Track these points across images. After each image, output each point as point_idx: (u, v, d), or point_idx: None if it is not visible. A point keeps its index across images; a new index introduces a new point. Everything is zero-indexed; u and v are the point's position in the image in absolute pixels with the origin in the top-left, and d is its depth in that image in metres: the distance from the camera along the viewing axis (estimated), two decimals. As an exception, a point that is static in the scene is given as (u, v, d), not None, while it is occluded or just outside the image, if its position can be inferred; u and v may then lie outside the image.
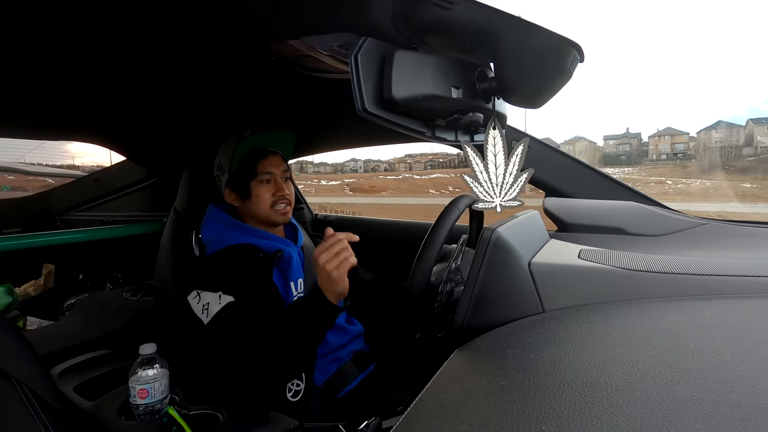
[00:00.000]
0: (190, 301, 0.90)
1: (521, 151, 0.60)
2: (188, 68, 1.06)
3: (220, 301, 0.87)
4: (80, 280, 2.08)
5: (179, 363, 1.00)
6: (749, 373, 0.32)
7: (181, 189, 1.23)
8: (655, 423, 0.28)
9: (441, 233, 0.83)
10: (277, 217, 1.03)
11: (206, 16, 0.77)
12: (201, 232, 1.08)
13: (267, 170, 1.02)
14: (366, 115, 0.51)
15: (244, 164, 1.02)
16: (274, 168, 1.03)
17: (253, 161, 1.02)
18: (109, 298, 1.66)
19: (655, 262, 0.62)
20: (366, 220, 1.84)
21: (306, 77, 0.98)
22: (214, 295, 0.88)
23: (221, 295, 0.88)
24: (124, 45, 0.91)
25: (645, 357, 0.38)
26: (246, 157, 1.02)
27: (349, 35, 0.65)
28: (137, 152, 1.89)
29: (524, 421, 0.32)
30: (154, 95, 1.27)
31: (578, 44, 0.56)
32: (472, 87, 0.61)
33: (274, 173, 1.03)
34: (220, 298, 0.88)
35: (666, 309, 0.51)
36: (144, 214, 2.03)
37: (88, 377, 1.05)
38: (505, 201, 0.61)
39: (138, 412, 0.83)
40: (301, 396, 0.94)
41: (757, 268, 0.58)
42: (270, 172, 1.03)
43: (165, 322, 1.16)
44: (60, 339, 1.34)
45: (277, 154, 1.06)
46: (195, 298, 0.90)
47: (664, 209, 1.04)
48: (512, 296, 0.60)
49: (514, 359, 0.44)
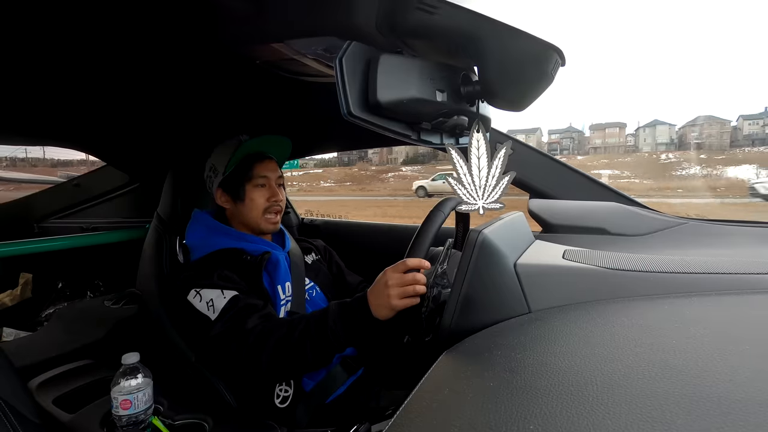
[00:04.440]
0: (191, 300, 0.90)
1: (504, 154, 0.61)
2: (171, 71, 1.04)
3: (224, 295, 0.87)
4: (59, 288, 2.02)
5: (163, 372, 0.98)
6: (728, 368, 0.33)
7: (165, 194, 1.21)
8: (639, 419, 0.28)
9: (427, 236, 0.84)
10: (266, 226, 1.03)
11: (189, 19, 0.76)
12: (186, 237, 1.06)
13: (263, 174, 1.03)
14: (351, 119, 0.51)
15: (240, 167, 1.02)
16: (270, 173, 1.04)
17: (250, 164, 1.02)
18: (89, 307, 1.61)
19: (637, 261, 0.63)
20: (352, 224, 1.84)
21: (291, 81, 0.97)
22: (216, 291, 0.88)
23: (223, 290, 0.88)
24: (104, 47, 0.90)
25: (628, 354, 0.38)
26: (243, 160, 1.02)
27: (334, 39, 0.65)
28: (118, 157, 1.85)
29: (512, 421, 0.32)
30: (136, 99, 1.25)
31: (560, 49, 0.57)
32: (457, 90, 0.61)
33: (269, 178, 1.04)
34: (223, 293, 0.88)
35: (648, 307, 0.52)
36: (125, 220, 1.99)
37: (68, 389, 1.01)
38: (488, 203, 0.61)
39: (121, 424, 0.80)
40: (289, 402, 0.92)
41: (734, 265, 0.60)
42: (266, 176, 1.03)
43: (148, 331, 1.13)
44: (38, 350, 1.30)
45: (273, 160, 1.07)
46: (196, 297, 0.89)
47: (645, 209, 1.07)
48: (499, 297, 0.60)
49: (501, 360, 0.44)
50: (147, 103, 1.30)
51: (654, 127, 60.59)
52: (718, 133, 58.66)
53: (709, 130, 59.06)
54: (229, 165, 1.01)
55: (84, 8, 0.73)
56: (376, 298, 0.79)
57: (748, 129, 58.60)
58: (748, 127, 58.79)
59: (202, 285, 0.90)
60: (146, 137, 1.60)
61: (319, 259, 1.19)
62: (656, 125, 60.71)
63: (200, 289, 0.89)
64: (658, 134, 60.57)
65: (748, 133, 57.82)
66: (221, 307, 0.86)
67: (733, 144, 56.42)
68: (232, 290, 0.89)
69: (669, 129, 60.73)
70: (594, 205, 1.08)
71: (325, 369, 1.01)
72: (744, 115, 58.60)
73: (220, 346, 0.86)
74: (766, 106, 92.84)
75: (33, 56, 0.93)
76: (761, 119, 58.29)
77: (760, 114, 59.70)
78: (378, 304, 0.79)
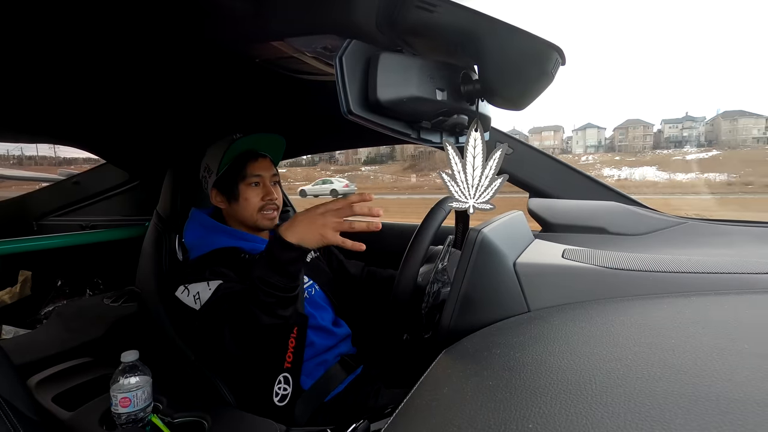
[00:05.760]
0: (178, 296, 0.90)
1: (499, 156, 0.61)
2: (170, 69, 1.04)
3: (209, 287, 0.87)
4: (58, 286, 2.02)
5: (163, 370, 0.98)
6: (727, 368, 0.33)
7: (164, 192, 1.21)
8: (638, 418, 0.28)
9: (427, 234, 0.84)
10: (264, 222, 1.03)
11: (189, 18, 0.76)
12: (184, 236, 1.06)
13: (256, 173, 1.02)
14: (351, 117, 0.51)
15: (233, 166, 1.01)
16: (264, 171, 1.03)
17: (243, 163, 1.01)
18: (89, 305, 1.62)
19: (637, 260, 0.63)
20: None
21: (290, 79, 0.97)
22: (203, 284, 0.88)
23: (209, 282, 0.88)
24: (103, 45, 0.89)
25: (627, 353, 0.38)
26: (235, 159, 1.01)
27: (334, 37, 0.65)
28: (117, 155, 1.85)
29: (511, 420, 0.32)
30: (135, 97, 1.25)
31: (560, 47, 0.57)
32: (457, 89, 0.61)
33: (263, 176, 1.03)
34: (209, 284, 0.87)
35: (647, 306, 0.52)
36: (125, 218, 1.99)
37: (67, 387, 1.02)
38: (479, 203, 0.61)
39: (120, 422, 0.81)
40: (288, 400, 0.93)
41: (734, 265, 0.60)
42: (259, 175, 1.02)
43: (147, 329, 1.13)
44: (37, 348, 1.30)
45: (267, 158, 1.06)
46: (183, 292, 0.89)
47: (645, 209, 1.07)
48: (498, 296, 0.60)
49: (500, 359, 0.44)
50: (147, 101, 1.29)
51: (585, 130, 66.64)
52: (642, 136, 64.65)
53: (634, 132, 65.08)
54: (222, 164, 1.01)
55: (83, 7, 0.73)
56: (300, 225, 0.76)
57: (668, 132, 66.20)
58: (669, 130, 66.47)
59: (190, 280, 0.90)
60: (146, 135, 1.60)
61: (318, 257, 1.19)
62: (587, 129, 66.74)
63: (188, 285, 0.89)
64: (589, 137, 66.72)
65: (668, 136, 65.30)
66: (206, 298, 0.85)
67: (655, 146, 63.01)
68: (217, 280, 0.88)
69: (598, 132, 67.11)
70: (594, 204, 1.08)
71: (324, 367, 1.01)
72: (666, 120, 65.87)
73: (203, 335, 0.86)
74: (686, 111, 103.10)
75: (31, 53, 0.92)
76: (680, 123, 65.94)
77: (680, 119, 67.07)
78: (300, 231, 0.75)
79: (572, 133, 67.62)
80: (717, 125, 65.95)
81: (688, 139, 67.24)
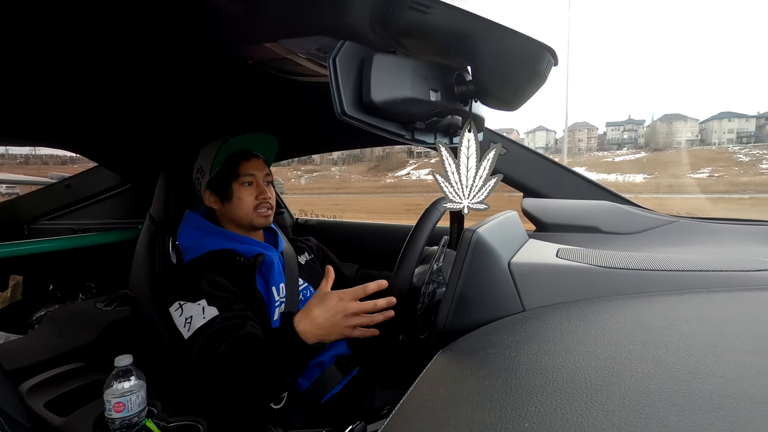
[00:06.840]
0: (172, 313, 0.88)
1: (492, 156, 0.61)
2: (163, 71, 1.03)
3: (203, 315, 0.84)
4: (50, 291, 2.00)
5: (157, 374, 0.97)
6: (720, 365, 0.34)
7: (157, 195, 1.20)
8: (632, 416, 0.29)
9: (422, 235, 0.84)
10: (259, 220, 1.02)
11: (182, 19, 0.75)
12: (177, 238, 1.06)
13: (249, 172, 1.02)
14: (345, 119, 0.51)
15: (226, 166, 1.01)
16: (257, 171, 1.03)
17: (236, 163, 1.01)
18: (81, 309, 1.59)
19: (630, 259, 0.64)
20: (346, 224, 1.84)
21: (284, 81, 0.97)
22: (198, 307, 0.85)
23: (205, 308, 0.85)
24: (96, 47, 0.89)
25: (622, 352, 0.39)
26: (228, 158, 1.01)
27: (327, 38, 0.64)
28: (109, 158, 1.83)
29: (507, 420, 0.32)
30: (128, 98, 1.24)
31: (552, 49, 0.58)
32: (450, 90, 0.61)
33: (256, 176, 1.03)
34: (204, 311, 0.85)
35: (641, 304, 0.52)
36: (117, 221, 1.97)
37: (59, 392, 1.00)
38: (473, 203, 0.61)
39: (114, 427, 0.80)
40: (284, 403, 0.92)
41: (725, 263, 0.61)
42: (252, 174, 1.02)
43: (141, 332, 1.12)
44: (29, 353, 1.28)
45: (260, 158, 1.05)
46: (177, 311, 0.87)
47: (637, 208, 1.08)
48: (493, 296, 0.60)
49: (496, 359, 0.44)
50: (139, 103, 1.28)
51: (535, 133, 71.96)
52: (587, 138, 69.60)
53: (580, 135, 70.16)
54: (215, 165, 1.00)
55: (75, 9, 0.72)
56: (321, 330, 0.76)
57: (611, 135, 70.55)
58: (611, 132, 71.01)
59: (187, 297, 0.87)
60: (139, 137, 1.59)
61: (313, 259, 1.19)
62: (537, 131, 72.09)
63: (184, 303, 0.87)
64: (538, 139, 72.43)
65: (611, 138, 69.68)
66: (197, 327, 0.83)
67: (600, 148, 67.56)
68: (214, 307, 0.85)
69: (547, 134, 73.23)
70: (587, 203, 1.09)
71: (320, 369, 1.01)
72: (609, 123, 70.08)
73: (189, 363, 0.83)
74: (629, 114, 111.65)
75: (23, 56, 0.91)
76: (622, 126, 70.51)
77: (622, 122, 71.74)
78: (322, 335, 0.76)
79: (524, 135, 71.84)
80: (655, 128, 70.67)
81: (628, 141, 71.10)
